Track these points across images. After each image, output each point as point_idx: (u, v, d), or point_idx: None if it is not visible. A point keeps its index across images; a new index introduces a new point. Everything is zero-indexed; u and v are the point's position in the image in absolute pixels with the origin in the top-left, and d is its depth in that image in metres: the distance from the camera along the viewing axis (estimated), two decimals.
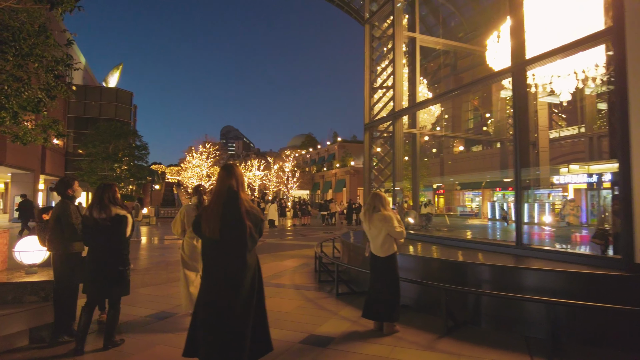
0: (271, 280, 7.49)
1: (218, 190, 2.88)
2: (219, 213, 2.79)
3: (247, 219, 2.81)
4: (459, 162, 36.36)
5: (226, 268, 2.78)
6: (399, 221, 4.61)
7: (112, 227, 3.95)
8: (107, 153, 24.46)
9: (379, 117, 9.77)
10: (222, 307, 2.74)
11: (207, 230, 2.79)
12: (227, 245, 2.80)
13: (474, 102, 36.99)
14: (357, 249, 7.40)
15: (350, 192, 44.57)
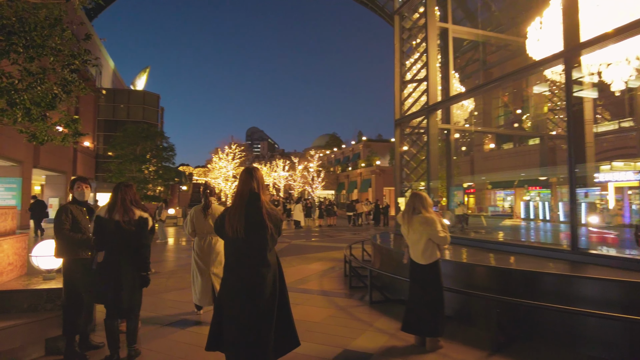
0: (298, 285, 7.12)
1: (240, 192, 2.96)
2: (242, 214, 2.86)
3: (268, 220, 2.88)
4: (490, 160, 35.12)
5: (249, 267, 2.86)
6: (442, 225, 4.12)
7: (135, 230, 3.68)
8: (135, 154, 24.79)
9: (410, 112, 9.25)
10: (246, 304, 2.81)
11: (230, 230, 2.86)
12: (250, 245, 2.87)
13: (504, 98, 35.66)
14: (390, 252, 6.93)
15: (376, 191, 43.83)
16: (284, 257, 10.43)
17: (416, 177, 9.13)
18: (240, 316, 2.80)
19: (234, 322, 2.82)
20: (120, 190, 3.74)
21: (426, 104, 9.02)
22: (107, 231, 3.61)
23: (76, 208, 3.84)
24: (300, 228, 21.85)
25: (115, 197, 3.71)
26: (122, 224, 3.59)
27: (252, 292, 2.82)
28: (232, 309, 2.84)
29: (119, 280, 3.59)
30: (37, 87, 4.06)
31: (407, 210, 4.20)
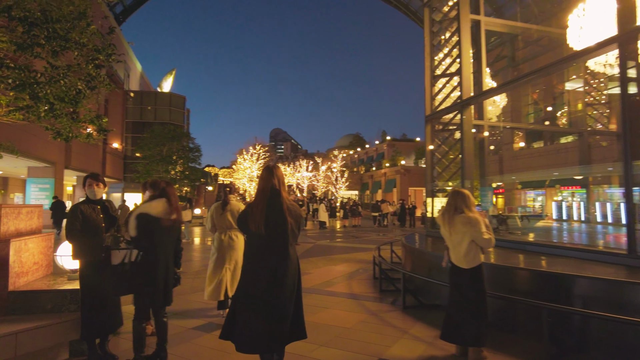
0: (326, 287, 6.86)
1: (262, 189, 3.05)
2: (264, 210, 2.95)
3: (288, 216, 2.99)
4: (520, 159, 33.97)
5: (270, 260, 2.94)
6: (487, 226, 3.77)
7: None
8: (162, 155, 25.14)
9: (441, 107, 8.85)
10: (267, 296, 2.89)
11: (253, 225, 2.93)
12: (271, 240, 2.96)
13: (534, 95, 34.46)
14: (423, 254, 6.58)
15: (401, 192, 43.11)
16: (309, 258, 10.20)
17: (448, 175, 8.71)
18: (260, 309, 2.88)
19: (252, 314, 2.90)
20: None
21: (459, 99, 8.61)
22: (158, 231, 3.51)
23: (88, 207, 3.63)
24: (325, 228, 21.61)
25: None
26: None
27: (275, 284, 2.91)
28: (252, 302, 2.92)
29: (162, 280, 3.54)
30: (60, 82, 3.95)
31: (447, 209, 3.87)
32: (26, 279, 4.01)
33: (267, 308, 2.87)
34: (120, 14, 35.28)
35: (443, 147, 9.06)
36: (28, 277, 4.05)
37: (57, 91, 4.00)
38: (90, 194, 3.68)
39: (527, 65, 28.99)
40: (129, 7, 35.59)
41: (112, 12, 33.25)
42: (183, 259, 8.76)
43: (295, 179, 51.93)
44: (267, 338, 2.87)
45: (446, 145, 9.16)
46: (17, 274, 3.84)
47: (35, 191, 20.54)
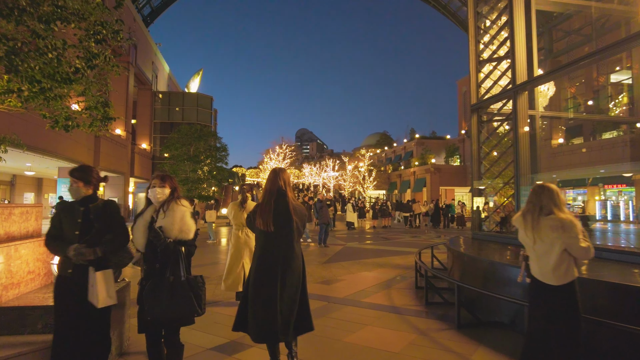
0: (362, 297, 6.06)
1: (269, 190, 3.25)
2: (271, 209, 3.15)
3: (294, 214, 3.19)
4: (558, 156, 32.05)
5: (277, 257, 3.13)
6: (583, 232, 2.89)
7: None
8: (189, 155, 24.96)
9: (488, 95, 7.90)
10: (275, 290, 3.06)
11: (260, 224, 3.15)
12: (278, 237, 3.15)
13: (572, 89, 32.51)
14: (475, 262, 5.67)
15: (431, 191, 41.69)
16: (340, 262, 9.43)
17: (499, 169, 7.76)
18: (267, 302, 3.06)
19: (260, 307, 3.07)
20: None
21: (509, 84, 7.63)
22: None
23: (67, 209, 2.85)
24: (354, 229, 20.77)
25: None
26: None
27: (279, 281, 3.10)
28: (261, 295, 3.10)
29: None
30: (48, 54, 3.31)
31: (530, 209, 3.00)
32: (17, 291, 3.42)
33: (276, 301, 3.05)
34: (148, 15, 35.64)
35: (491, 139, 8.09)
36: (20, 288, 3.46)
37: (46, 67, 3.37)
38: (71, 192, 2.91)
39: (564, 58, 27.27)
40: (156, 8, 35.93)
41: (140, 14, 33.60)
42: (208, 261, 7.86)
43: (322, 178, 51.27)
44: (277, 328, 3.03)
45: (494, 137, 8.19)
46: (5, 286, 3.25)
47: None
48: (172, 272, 2.77)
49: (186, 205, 2.96)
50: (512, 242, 6.76)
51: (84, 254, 2.64)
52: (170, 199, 2.93)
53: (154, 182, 2.96)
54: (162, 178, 2.98)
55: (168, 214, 2.85)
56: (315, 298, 5.99)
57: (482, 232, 7.84)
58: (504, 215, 8.06)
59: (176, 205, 2.91)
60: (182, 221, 2.86)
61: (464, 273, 6.02)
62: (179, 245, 2.84)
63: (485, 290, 4.72)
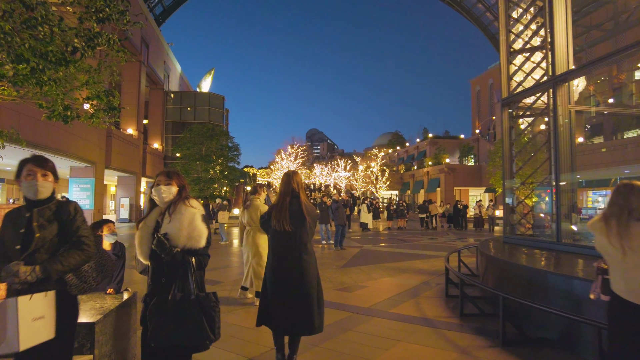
0: (390, 307, 5.55)
1: (283, 191, 3.45)
2: (286, 210, 3.34)
3: (307, 215, 3.38)
4: (579, 155, 30.95)
5: (293, 255, 3.31)
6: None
7: None
8: (201, 154, 24.70)
9: (520, 89, 7.34)
10: (292, 287, 3.26)
11: (276, 224, 3.33)
12: (293, 236, 3.33)
13: (590, 87, 31.55)
14: (514, 268, 5.13)
15: (446, 191, 40.87)
16: (359, 266, 8.95)
17: (533, 168, 7.19)
18: (285, 298, 3.24)
19: (280, 303, 3.25)
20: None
21: (543, 76, 7.07)
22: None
23: (13, 216, 2.18)
24: (368, 230, 20.23)
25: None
26: None
27: (295, 278, 3.26)
28: (281, 292, 3.26)
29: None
30: (37, 27, 2.89)
31: (615, 212, 2.47)
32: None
33: (295, 298, 3.23)
34: (160, 15, 35.55)
35: (524, 136, 7.52)
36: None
37: (37, 44, 2.92)
38: (25, 190, 2.17)
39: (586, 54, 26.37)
40: (168, 8, 35.81)
41: (152, 13, 33.51)
42: (221, 264, 7.41)
43: (333, 179, 50.79)
44: (297, 323, 3.24)
45: (524, 133, 7.62)
46: None
47: (77, 191, 20.54)
48: (179, 288, 2.31)
49: (196, 207, 2.47)
50: (548, 246, 6.21)
51: (18, 274, 1.93)
52: (178, 200, 2.45)
53: (159, 179, 2.49)
54: (168, 174, 2.51)
55: (174, 218, 2.37)
56: (337, 307, 5.51)
57: (514, 235, 7.28)
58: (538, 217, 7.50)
59: (184, 207, 2.42)
60: (191, 226, 2.37)
61: (500, 280, 5.49)
62: (188, 255, 2.35)
63: (530, 301, 4.18)
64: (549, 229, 7.66)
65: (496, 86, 56.52)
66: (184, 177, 2.58)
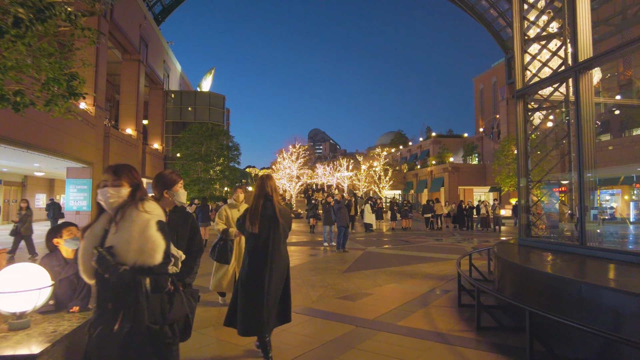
0: (397, 319, 5.02)
1: (257, 195, 3.58)
2: (259, 213, 3.48)
3: (280, 217, 3.50)
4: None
5: (265, 257, 3.44)
6: None
7: None
8: (200, 154, 24.21)
9: (535, 80, 6.79)
10: (263, 287, 3.39)
11: (249, 226, 3.46)
12: (266, 238, 3.46)
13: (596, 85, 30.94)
14: (535, 275, 4.58)
15: (450, 191, 40.28)
16: (363, 271, 8.42)
17: (550, 165, 6.65)
18: (254, 297, 3.40)
19: (248, 301, 3.42)
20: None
21: (561, 65, 6.53)
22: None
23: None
24: (372, 231, 19.69)
25: None
26: None
27: (269, 276, 3.42)
28: (249, 291, 3.43)
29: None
30: None
31: None
32: None
33: (263, 296, 3.36)
34: (159, 14, 35.09)
35: (535, 131, 6.97)
36: None
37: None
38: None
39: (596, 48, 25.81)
40: (167, 6, 35.36)
41: (151, 12, 33.05)
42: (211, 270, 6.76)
43: (336, 178, 50.22)
44: (263, 322, 3.34)
45: (540, 128, 7.07)
46: None
47: (73, 192, 20.09)
48: (129, 317, 1.79)
49: (152, 211, 1.94)
50: (570, 250, 5.67)
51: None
52: (128, 203, 1.92)
53: (105, 177, 1.98)
54: (115, 171, 1.99)
55: (122, 227, 1.85)
56: (340, 319, 4.99)
57: (531, 237, 6.73)
58: (557, 218, 6.96)
59: (136, 213, 1.89)
60: (143, 237, 1.85)
61: (520, 289, 4.95)
62: (140, 274, 1.84)
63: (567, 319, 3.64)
64: (568, 230, 7.14)
65: (500, 84, 55.88)
66: (138, 173, 2.05)
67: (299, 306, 5.64)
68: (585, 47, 5.65)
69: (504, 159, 30.70)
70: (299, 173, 44.98)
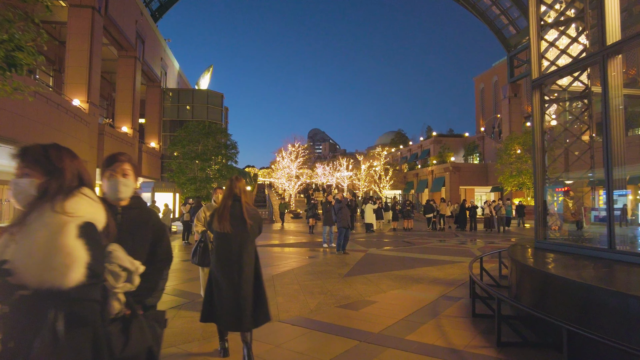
0: (406, 333, 4.44)
1: (226, 196, 3.70)
2: (227, 213, 3.59)
3: (247, 217, 3.60)
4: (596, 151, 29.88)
5: (232, 254, 3.53)
6: None
7: None
8: (197, 152, 23.61)
9: (551, 69, 6.24)
10: (230, 283, 3.48)
11: (217, 226, 3.58)
12: (233, 238, 3.56)
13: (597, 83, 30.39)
14: (558, 282, 4.02)
15: (451, 190, 39.75)
16: (365, 275, 7.87)
17: (570, 161, 6.10)
18: (225, 293, 3.48)
19: (220, 298, 3.51)
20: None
21: (582, 52, 5.97)
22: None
23: None
24: (373, 232, 19.14)
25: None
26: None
27: (238, 272, 3.50)
28: (219, 288, 3.52)
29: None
30: None
31: None
32: None
33: (235, 293, 3.46)
34: (157, 10, 34.51)
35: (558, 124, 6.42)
36: None
37: None
38: None
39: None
40: (165, 3, 34.76)
41: (148, 8, 32.46)
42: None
43: (335, 178, 49.66)
44: (240, 318, 3.45)
45: (562, 119, 6.53)
46: None
47: None
48: None
49: (74, 211, 1.39)
50: (597, 254, 5.11)
51: None
52: (37, 202, 1.38)
53: (16, 164, 1.42)
54: (23, 155, 1.44)
55: (25, 234, 1.31)
56: (342, 332, 4.42)
57: (548, 240, 6.18)
58: (575, 220, 6.42)
59: (48, 214, 1.34)
60: (50, 247, 1.29)
61: (541, 298, 4.39)
62: (49, 301, 1.29)
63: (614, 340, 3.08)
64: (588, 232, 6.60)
65: (501, 83, 55.35)
66: (69, 158, 1.50)
67: (295, 316, 5.08)
68: (614, 30, 5.10)
69: (507, 158, 30.18)
70: (298, 172, 44.41)
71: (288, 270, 8.55)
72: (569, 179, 7.11)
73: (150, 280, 2.04)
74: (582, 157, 6.47)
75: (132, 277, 1.79)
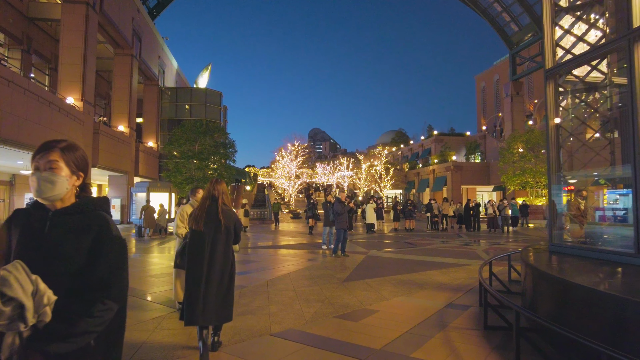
0: (412, 349, 3.96)
1: (204, 197, 3.91)
2: (204, 213, 3.78)
3: (222, 218, 3.76)
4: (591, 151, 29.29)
5: (203, 251, 3.67)
6: None
7: None
8: (194, 151, 23.14)
9: (567, 57, 5.77)
10: (197, 278, 3.61)
11: (193, 224, 3.78)
12: (206, 236, 3.71)
13: None
14: (583, 293, 3.54)
15: (452, 190, 39.23)
16: (365, 280, 7.40)
17: (588, 157, 5.63)
18: (197, 291, 3.58)
19: (193, 296, 3.57)
20: None
21: (602, 39, 5.51)
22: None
23: None
24: (374, 232, 18.66)
25: None
26: None
27: (209, 270, 3.63)
28: (193, 286, 3.61)
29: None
30: None
31: None
32: None
33: (199, 288, 3.58)
34: (154, 8, 34.05)
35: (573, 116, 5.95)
36: None
37: None
38: None
39: None
40: (162, 1, 34.28)
41: (145, 6, 31.99)
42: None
43: (336, 178, 49.21)
44: (199, 312, 3.55)
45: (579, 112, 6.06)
46: None
47: None
48: None
49: None
50: (622, 260, 4.64)
51: None
52: None
53: None
54: None
55: None
56: (339, 349, 3.95)
57: (563, 243, 5.71)
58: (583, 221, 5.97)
59: None
60: None
61: (561, 309, 3.92)
62: None
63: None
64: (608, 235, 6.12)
65: (503, 81, 54.82)
66: None
67: (289, 328, 4.61)
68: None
69: (510, 157, 29.68)
70: (298, 172, 43.96)
71: (284, 274, 8.07)
72: (587, 176, 6.63)
73: (67, 317, 1.36)
74: (601, 153, 6.00)
75: (24, 314, 1.24)
